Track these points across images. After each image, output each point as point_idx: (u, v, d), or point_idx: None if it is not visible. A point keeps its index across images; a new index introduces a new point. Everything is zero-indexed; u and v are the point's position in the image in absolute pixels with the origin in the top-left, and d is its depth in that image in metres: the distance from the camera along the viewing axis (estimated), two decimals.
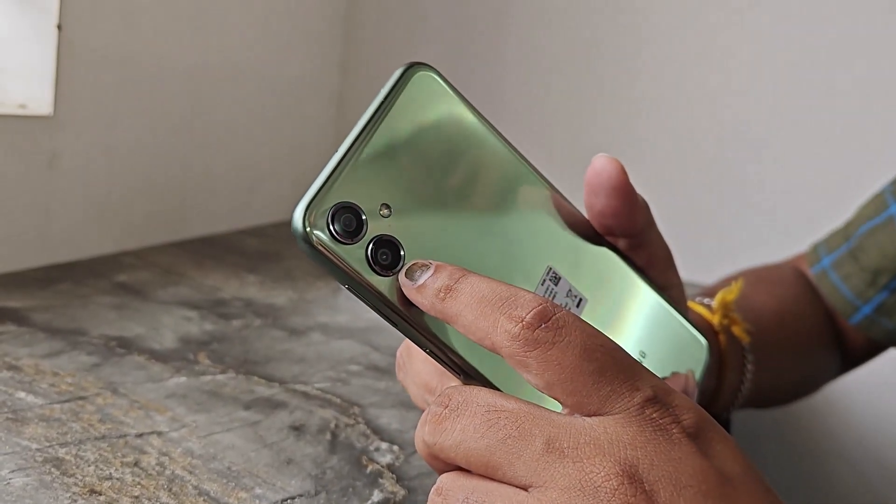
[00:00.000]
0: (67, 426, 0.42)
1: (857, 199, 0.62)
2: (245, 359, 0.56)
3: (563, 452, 0.23)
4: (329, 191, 0.26)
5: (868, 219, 0.57)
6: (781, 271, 0.61)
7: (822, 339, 0.57)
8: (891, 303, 0.55)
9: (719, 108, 0.89)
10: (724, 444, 0.25)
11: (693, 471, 0.23)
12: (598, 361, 0.24)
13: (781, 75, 0.86)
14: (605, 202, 0.32)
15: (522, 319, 0.24)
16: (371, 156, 0.27)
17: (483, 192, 0.29)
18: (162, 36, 0.79)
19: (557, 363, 0.24)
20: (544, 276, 0.30)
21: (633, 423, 0.24)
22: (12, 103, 0.69)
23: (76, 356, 0.52)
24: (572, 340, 0.24)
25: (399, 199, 0.27)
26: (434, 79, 0.29)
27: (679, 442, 0.24)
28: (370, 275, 0.26)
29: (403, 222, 0.27)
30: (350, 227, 0.26)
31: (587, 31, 0.96)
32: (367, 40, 1.09)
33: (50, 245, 0.71)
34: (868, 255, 0.56)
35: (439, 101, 0.29)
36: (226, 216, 0.92)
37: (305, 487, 0.40)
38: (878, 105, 0.81)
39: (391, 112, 0.28)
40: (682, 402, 0.25)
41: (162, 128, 0.81)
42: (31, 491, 0.36)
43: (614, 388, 0.24)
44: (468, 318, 0.25)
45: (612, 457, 0.23)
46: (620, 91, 0.95)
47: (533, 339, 0.24)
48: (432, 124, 0.29)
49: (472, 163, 0.29)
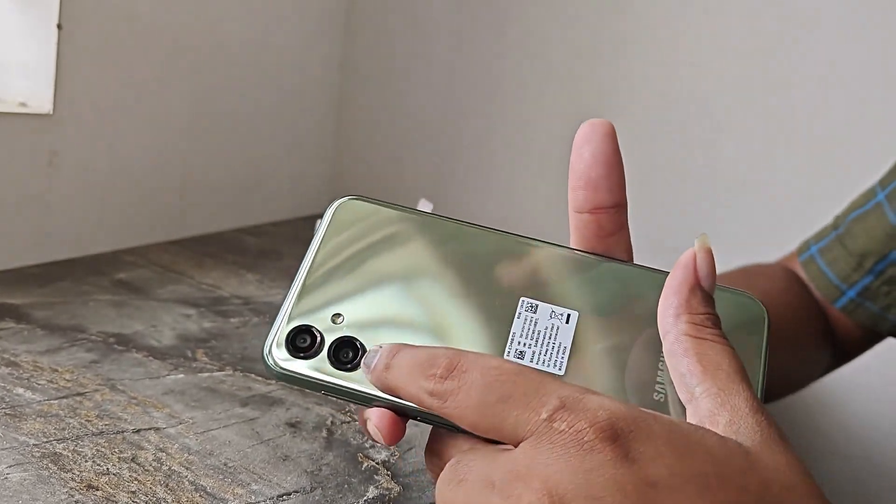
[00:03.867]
0: (65, 422, 0.43)
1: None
2: (243, 356, 0.56)
3: (493, 486, 0.24)
4: (281, 324, 0.32)
5: (857, 207, 0.58)
6: (770, 268, 0.61)
7: (812, 332, 0.58)
8: (875, 286, 0.56)
9: (713, 109, 0.89)
10: (649, 443, 0.23)
11: (606, 480, 0.22)
12: (499, 391, 0.25)
13: (779, 76, 0.86)
14: (590, 158, 0.32)
15: (435, 375, 0.26)
16: (315, 280, 0.32)
17: (429, 266, 0.32)
18: (162, 35, 0.79)
19: (466, 405, 0.26)
20: (519, 310, 0.32)
21: (543, 441, 0.24)
22: (12, 101, 0.70)
23: (75, 353, 0.52)
24: (474, 380, 0.26)
25: (348, 305, 0.32)
26: (356, 202, 0.34)
27: (592, 449, 0.23)
28: (339, 375, 0.30)
29: (357, 322, 0.31)
30: (304, 343, 0.31)
31: (589, 31, 0.96)
32: (367, 40, 1.10)
33: (49, 242, 0.71)
34: (855, 240, 0.56)
35: (366, 216, 0.34)
36: (225, 215, 0.93)
37: (301, 484, 0.40)
38: (874, 105, 0.81)
39: (323, 240, 0.33)
40: (597, 403, 0.24)
41: (162, 126, 0.82)
42: (29, 486, 0.36)
43: (520, 411, 0.24)
44: (404, 388, 0.28)
45: (530, 483, 0.23)
46: (620, 91, 0.95)
47: (443, 391, 0.26)
48: (363, 234, 0.33)
49: (412, 248, 0.33)
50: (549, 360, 0.30)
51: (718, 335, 0.28)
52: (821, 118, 0.84)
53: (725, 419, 0.25)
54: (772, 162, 0.87)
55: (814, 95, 0.84)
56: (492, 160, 1.03)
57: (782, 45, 0.86)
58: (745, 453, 0.24)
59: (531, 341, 0.31)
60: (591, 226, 0.32)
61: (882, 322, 0.57)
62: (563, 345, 0.31)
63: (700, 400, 0.26)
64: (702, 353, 0.27)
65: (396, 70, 1.09)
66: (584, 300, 0.32)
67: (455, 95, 1.05)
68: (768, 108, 0.87)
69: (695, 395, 0.27)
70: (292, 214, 1.04)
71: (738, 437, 0.25)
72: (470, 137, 1.04)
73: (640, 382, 0.30)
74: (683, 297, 0.29)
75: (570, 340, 0.31)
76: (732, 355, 0.27)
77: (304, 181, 1.06)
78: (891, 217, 0.54)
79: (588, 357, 0.31)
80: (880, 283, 0.55)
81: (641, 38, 0.93)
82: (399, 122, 1.09)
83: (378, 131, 1.11)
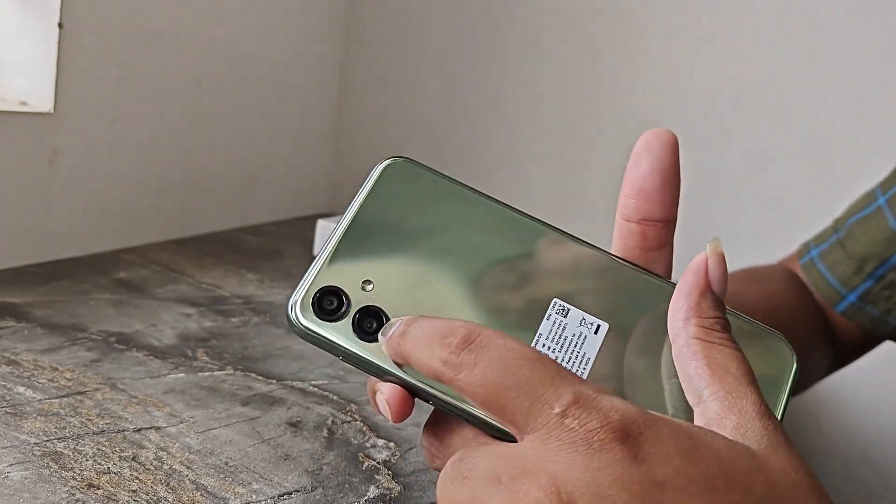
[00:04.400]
0: (66, 421, 0.43)
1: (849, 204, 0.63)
2: (243, 355, 0.56)
3: (500, 482, 0.24)
4: (312, 280, 0.31)
5: (858, 211, 0.58)
6: (771, 270, 0.61)
7: (812, 334, 0.58)
8: (876, 291, 0.56)
9: (713, 109, 0.89)
10: (658, 445, 0.23)
11: (613, 478, 0.23)
12: (516, 375, 0.25)
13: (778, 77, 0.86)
14: (647, 167, 0.31)
15: (451, 345, 0.26)
16: (351, 240, 0.31)
17: (467, 247, 0.32)
18: (162, 35, 0.79)
19: (481, 383, 0.25)
20: (550, 311, 0.31)
21: (552, 437, 0.24)
22: (13, 100, 0.70)
23: (75, 352, 0.52)
24: (492, 358, 0.25)
25: (380, 273, 0.31)
26: (406, 164, 0.33)
27: (601, 449, 0.23)
28: (358, 343, 0.30)
29: (386, 292, 0.30)
30: (331, 305, 0.30)
31: (589, 32, 0.96)
32: (367, 41, 1.10)
33: (50, 242, 0.71)
34: (855, 243, 0.56)
35: (412, 180, 0.32)
36: (226, 214, 0.93)
37: (302, 483, 0.40)
38: (875, 107, 0.82)
39: (366, 200, 0.32)
40: (610, 404, 0.24)
41: (162, 125, 0.82)
42: (30, 485, 0.36)
43: (533, 400, 0.24)
44: (417, 356, 0.27)
45: (536, 478, 0.23)
46: (621, 91, 0.95)
47: (459, 363, 0.26)
48: (407, 201, 0.32)
49: (454, 224, 0.32)
50: (571, 369, 0.30)
51: (727, 339, 0.28)
52: (820, 119, 0.84)
53: (733, 422, 0.26)
54: (771, 163, 0.87)
55: (814, 97, 0.85)
56: (491, 160, 1.03)
57: (782, 46, 0.86)
58: (752, 456, 0.24)
59: (556, 346, 0.30)
60: (636, 237, 0.32)
61: (882, 326, 0.57)
62: (587, 356, 0.30)
63: (708, 403, 0.26)
64: (710, 356, 0.27)
65: (396, 70, 1.09)
66: (616, 312, 0.31)
67: (454, 96, 1.05)
68: (768, 110, 0.87)
69: (703, 398, 0.27)
70: (293, 214, 1.04)
71: (745, 440, 0.25)
72: (469, 137, 1.04)
73: (659, 407, 0.29)
74: (693, 300, 0.29)
75: (596, 353, 0.30)
76: (741, 359, 0.27)
77: (304, 181, 1.06)
78: (891, 221, 0.55)
79: (610, 373, 0.30)
80: (881, 288, 0.56)
81: (642, 39, 0.93)
82: (399, 123, 1.09)
83: (378, 132, 1.11)
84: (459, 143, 1.05)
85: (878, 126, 0.81)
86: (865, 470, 0.84)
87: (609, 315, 0.31)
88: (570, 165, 0.97)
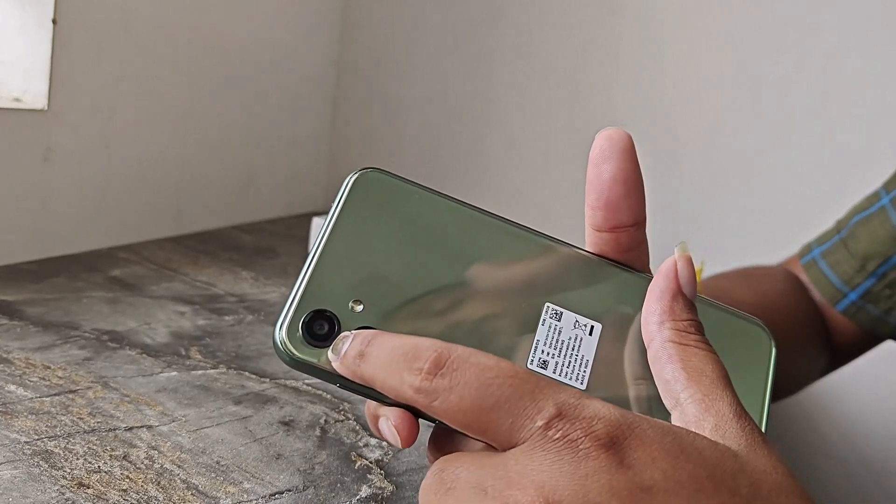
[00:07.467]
0: (57, 419, 0.42)
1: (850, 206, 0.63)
2: (237, 354, 0.56)
3: (485, 493, 0.23)
4: (299, 303, 0.28)
5: (861, 210, 0.58)
6: (769, 270, 0.61)
7: (810, 334, 0.58)
8: (877, 290, 0.56)
9: (710, 109, 0.89)
10: (644, 449, 0.23)
11: (601, 486, 0.22)
12: (495, 395, 0.24)
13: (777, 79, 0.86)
14: (609, 178, 0.30)
15: (421, 370, 0.25)
16: (332, 259, 0.29)
17: (452, 256, 0.30)
18: (157, 31, 0.79)
19: (458, 408, 0.24)
20: (544, 317, 0.30)
21: (537, 448, 0.23)
22: (7, 97, 0.69)
23: (68, 350, 0.52)
24: (468, 381, 0.24)
25: (368, 291, 0.29)
26: (376, 175, 0.31)
27: (587, 456, 0.23)
28: None
29: (378, 312, 0.28)
30: (322, 330, 0.28)
31: (582, 32, 0.96)
32: (362, 38, 1.10)
33: (44, 239, 0.71)
34: (858, 242, 0.56)
35: (388, 192, 0.31)
36: (221, 212, 0.92)
37: (294, 482, 0.40)
38: (874, 108, 0.81)
39: (340, 214, 0.30)
40: (594, 411, 0.24)
41: (157, 123, 0.82)
42: (20, 483, 0.36)
43: (515, 417, 0.24)
44: (383, 381, 0.26)
45: (525, 488, 0.23)
46: (616, 91, 0.95)
47: (432, 389, 0.24)
48: (383, 213, 0.30)
49: (435, 234, 0.30)
50: (573, 374, 0.30)
51: (701, 341, 0.28)
52: (820, 120, 0.84)
53: (711, 424, 0.26)
54: (770, 164, 0.87)
55: (813, 97, 0.84)
56: (487, 158, 1.03)
57: (781, 47, 0.86)
58: (734, 456, 0.24)
59: (555, 351, 0.30)
60: (610, 243, 0.31)
61: (882, 325, 0.57)
62: (585, 357, 0.30)
63: (685, 406, 0.26)
64: (685, 359, 0.27)
65: (392, 68, 1.08)
66: (606, 311, 0.31)
67: (450, 94, 1.04)
68: (767, 110, 0.87)
69: (680, 401, 0.27)
70: (287, 212, 1.03)
71: (724, 441, 0.25)
72: (465, 136, 1.04)
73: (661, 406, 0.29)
74: (666, 304, 0.29)
75: (593, 354, 0.30)
76: (716, 361, 0.27)
77: (299, 179, 1.06)
78: (895, 220, 0.55)
79: (610, 372, 0.30)
80: (882, 287, 0.56)
81: (637, 38, 0.93)
82: (394, 121, 1.09)
83: (373, 129, 1.10)
84: (454, 142, 1.05)
85: (878, 125, 0.81)
86: (863, 472, 0.84)
87: (600, 315, 0.31)
88: (566, 165, 0.97)
